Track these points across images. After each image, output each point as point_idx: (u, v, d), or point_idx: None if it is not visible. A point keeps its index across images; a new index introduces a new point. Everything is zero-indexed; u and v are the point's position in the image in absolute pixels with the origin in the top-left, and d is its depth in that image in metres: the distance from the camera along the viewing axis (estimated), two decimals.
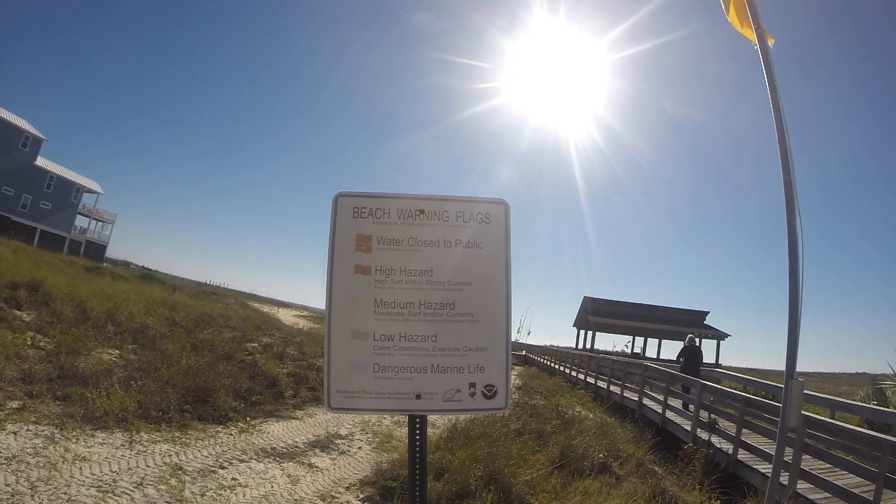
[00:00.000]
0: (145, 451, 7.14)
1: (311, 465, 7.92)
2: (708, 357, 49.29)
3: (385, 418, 11.15)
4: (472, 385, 3.11)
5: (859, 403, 13.96)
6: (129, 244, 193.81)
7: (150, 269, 58.03)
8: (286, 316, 34.40)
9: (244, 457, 7.74)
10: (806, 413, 8.77)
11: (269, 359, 14.06)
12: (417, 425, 3.15)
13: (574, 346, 52.72)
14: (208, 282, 62.55)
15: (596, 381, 22.24)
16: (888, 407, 12.62)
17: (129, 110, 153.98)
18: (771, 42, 5.33)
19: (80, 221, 68.61)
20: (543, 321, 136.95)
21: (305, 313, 47.06)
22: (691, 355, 16.89)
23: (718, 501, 8.27)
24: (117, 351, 11.87)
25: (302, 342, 18.39)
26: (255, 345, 15.87)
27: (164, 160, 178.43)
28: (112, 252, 75.68)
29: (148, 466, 6.69)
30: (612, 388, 19.25)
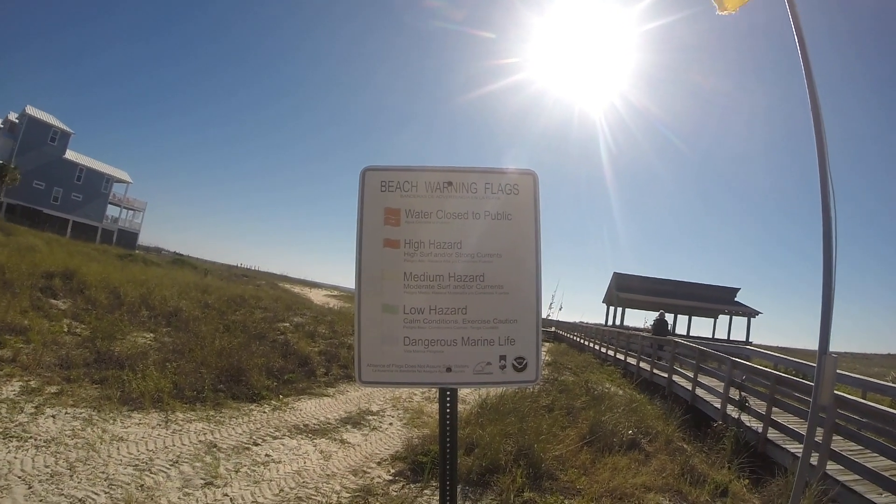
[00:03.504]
0: (180, 430, 7.29)
1: (342, 441, 8.02)
2: (738, 334, 49.08)
3: (415, 395, 11.26)
4: (503, 358, 3.11)
5: (892, 384, 13.79)
6: (160, 231, 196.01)
7: (181, 255, 58.59)
8: (317, 296, 34.64)
9: (277, 434, 7.86)
10: (837, 392, 8.68)
11: (301, 338, 14.21)
12: (448, 398, 3.17)
13: (604, 322, 52.35)
14: (239, 265, 63.04)
15: (625, 358, 22.27)
16: None
17: (155, 97, 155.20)
18: None
19: (111, 211, 69.55)
20: (573, 298, 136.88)
21: (336, 293, 47.15)
22: (660, 327, 24.19)
23: (747, 480, 8.21)
24: (151, 334, 12.07)
25: (333, 321, 18.55)
26: (287, 325, 16.03)
27: (193, 146, 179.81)
28: (144, 239, 76.52)
29: (183, 445, 6.82)
30: (642, 364, 19.27)
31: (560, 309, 22.17)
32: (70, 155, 61.65)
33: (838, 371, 15.44)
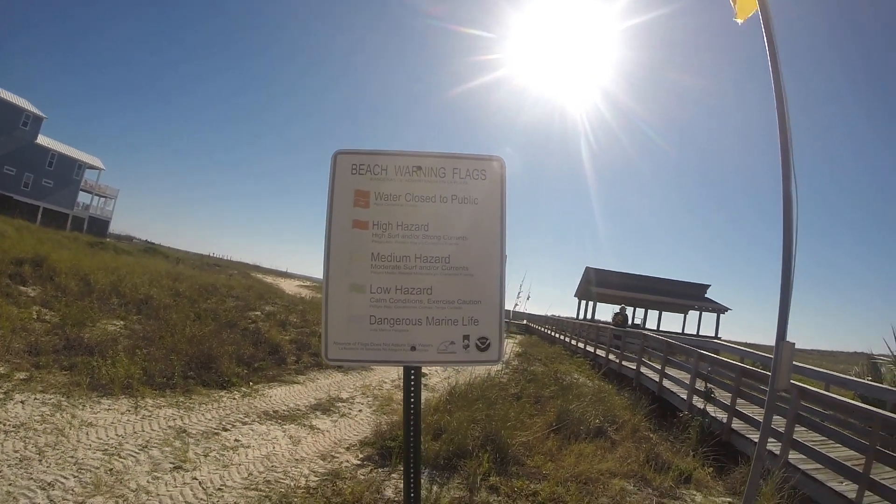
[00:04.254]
0: (150, 416, 7.29)
1: (312, 427, 8.06)
2: (707, 330, 49.87)
3: (385, 382, 11.33)
4: (466, 337, 3.19)
5: (854, 378, 14.09)
6: (132, 219, 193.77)
7: (153, 244, 57.96)
8: (289, 286, 34.51)
9: (247, 419, 7.89)
10: (801, 384, 8.91)
11: (272, 326, 14.20)
12: (412, 377, 3.24)
13: (575, 316, 52.78)
14: (211, 254, 62.51)
15: (595, 350, 22.48)
16: (882, 383, 12.74)
17: (130, 85, 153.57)
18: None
19: (83, 198, 68.42)
20: (546, 292, 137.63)
21: (308, 283, 46.84)
22: (620, 320, 26.31)
23: (711, 468, 8.39)
24: (122, 322, 12.01)
25: (304, 310, 18.58)
26: (258, 313, 16.01)
27: (167, 134, 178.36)
28: (115, 227, 75.51)
29: (153, 430, 6.83)
30: (611, 356, 19.50)
31: (528, 298, 22.67)
32: (42, 140, 60.56)
33: (804, 365, 15.85)
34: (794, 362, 14.81)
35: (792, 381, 9.04)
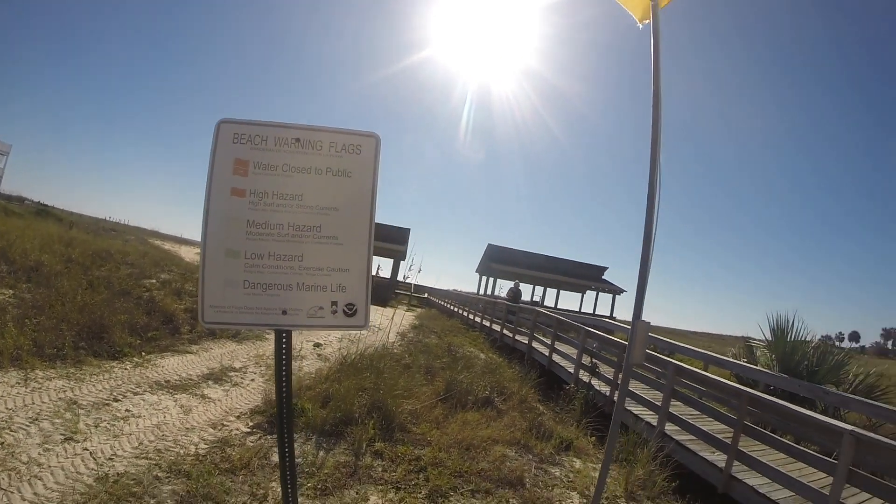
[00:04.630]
0: (40, 388, 7.16)
1: (203, 397, 8.07)
2: (603, 310, 51.79)
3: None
4: (335, 303, 3.34)
5: (729, 359, 14.94)
6: (25, 178, 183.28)
7: (46, 205, 54.99)
8: (188, 253, 33.51)
9: (138, 390, 7.82)
10: (678, 362, 9.49)
11: (167, 295, 13.92)
12: (284, 340, 3.37)
13: (476, 291, 53.67)
14: (108, 218, 59.83)
15: (491, 324, 22.93)
16: (756, 365, 13.55)
17: (22, 41, 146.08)
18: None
19: None
20: (450, 266, 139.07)
21: None
22: (514, 296, 28.40)
23: (594, 438, 8.82)
24: (10, 290, 11.58)
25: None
26: (153, 281, 15.54)
27: (64, 90, 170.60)
28: (6, 186, 71.73)
29: (43, 402, 6.73)
30: (505, 331, 19.94)
31: (419, 271, 23.10)
32: None
33: (686, 346, 16.72)
34: (679, 343, 15.67)
35: (670, 360, 9.65)
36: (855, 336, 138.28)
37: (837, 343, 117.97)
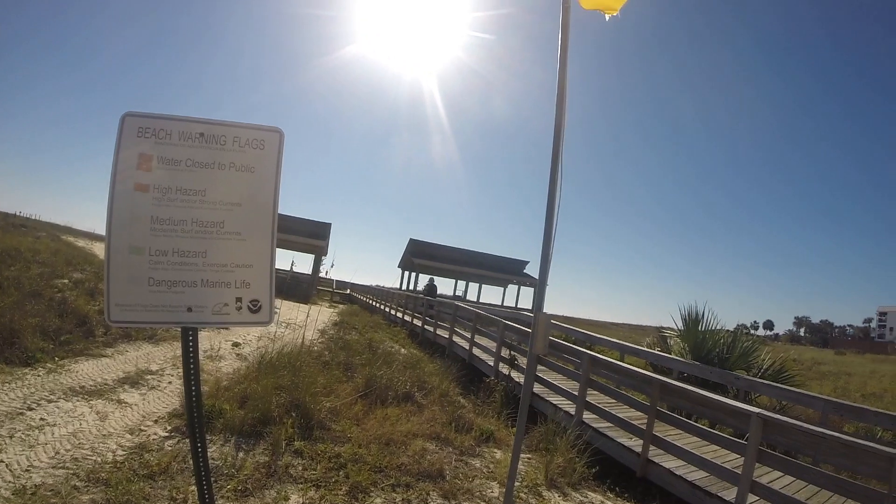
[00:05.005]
0: None
1: (120, 402, 7.85)
2: (525, 303, 52.76)
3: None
4: (239, 300, 3.34)
5: (644, 349, 15.44)
6: None
7: None
8: (101, 250, 32.70)
9: (52, 397, 7.56)
10: (593, 353, 9.75)
11: (80, 295, 13.46)
12: (190, 337, 3.34)
13: (399, 286, 53.81)
14: (18, 213, 57.27)
15: (412, 320, 22.91)
16: (671, 354, 14.01)
17: None
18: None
19: None
20: (373, 261, 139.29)
21: None
22: (430, 290, 30.63)
23: (514, 429, 8.96)
24: None
25: None
26: (66, 281, 14.99)
27: None
28: None
29: None
30: (427, 326, 20.02)
31: (332, 266, 23.17)
32: None
33: (603, 336, 17.23)
34: (598, 334, 16.07)
35: (585, 350, 9.90)
36: (769, 324, 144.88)
37: (752, 331, 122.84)
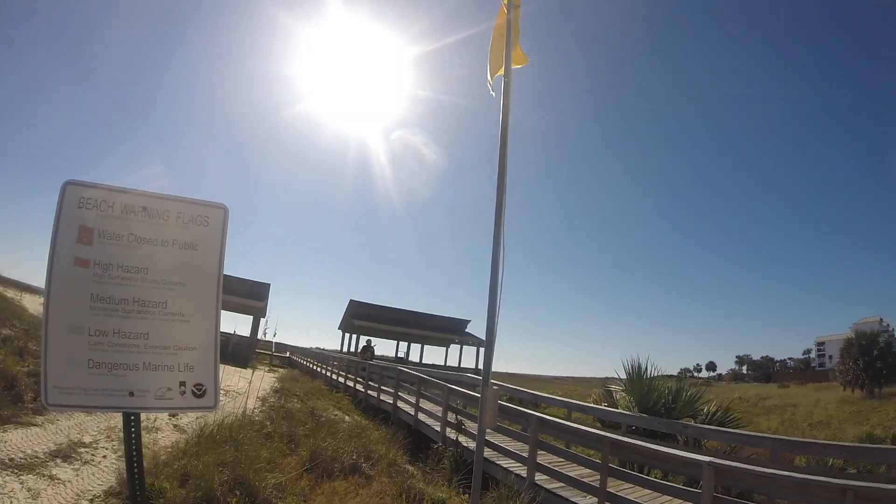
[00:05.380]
0: None
1: (52, 477, 7.43)
2: (468, 362, 52.94)
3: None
4: (183, 384, 3.21)
5: (591, 405, 15.50)
6: None
7: None
8: (33, 304, 31.05)
9: None
10: (540, 414, 9.71)
11: (8, 355, 12.63)
12: (132, 423, 3.18)
13: (339, 348, 53.25)
14: None
15: (355, 385, 22.40)
16: (617, 408, 14.07)
17: None
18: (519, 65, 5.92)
19: None
20: (314, 323, 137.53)
21: None
22: (366, 351, 30.04)
23: (466, 495, 8.78)
24: None
25: None
26: None
27: None
28: None
29: None
30: (370, 391, 19.61)
31: (275, 335, 22.94)
32: None
33: (549, 395, 17.30)
34: (542, 393, 16.03)
35: (532, 412, 9.84)
36: (712, 366, 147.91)
37: (696, 374, 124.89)
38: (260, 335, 39.18)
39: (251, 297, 42.07)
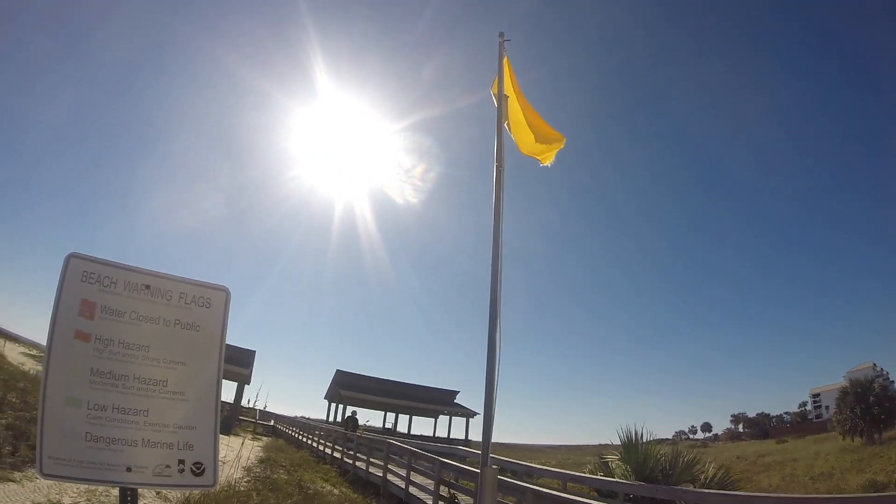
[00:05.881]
0: None
1: None
2: (457, 433, 52.15)
3: (115, 488, 10.30)
4: (182, 462, 3.22)
5: (586, 475, 15.26)
6: None
7: None
8: (12, 352, 30.15)
9: None
10: (536, 487, 9.57)
11: None
12: (129, 498, 3.19)
13: (325, 418, 52.65)
14: None
15: (342, 457, 21.92)
16: (613, 476, 13.88)
17: None
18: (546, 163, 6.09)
19: None
20: (298, 392, 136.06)
21: (36, 352, 40.32)
22: (350, 422, 31.15)
23: None
24: None
25: (26, 388, 15.71)
26: None
27: None
28: None
29: None
30: (359, 463, 19.26)
31: (265, 407, 22.72)
32: None
33: (542, 467, 16.96)
34: (536, 465, 15.76)
35: (527, 485, 9.73)
36: (707, 426, 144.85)
37: (691, 436, 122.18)
38: (244, 402, 38.81)
39: (236, 363, 41.62)
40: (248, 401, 37.46)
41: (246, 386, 40.26)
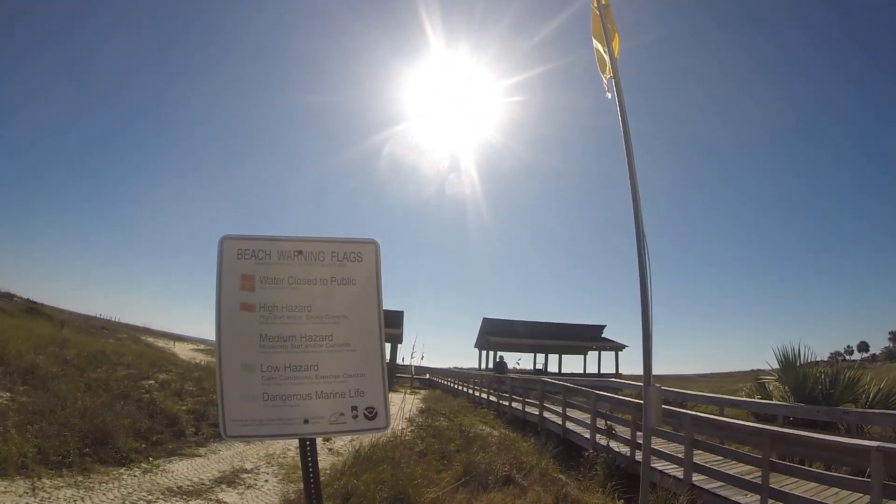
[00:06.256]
0: (49, 498, 6.98)
1: (218, 501, 7.85)
2: (607, 367, 51.71)
3: (289, 450, 11.11)
4: (355, 408, 3.37)
5: (744, 399, 14.84)
6: (12, 274, 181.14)
7: (35, 302, 53.64)
8: (182, 350, 32.95)
9: (151, 497, 7.59)
10: (693, 412, 9.40)
11: (168, 396, 13.65)
12: (308, 448, 3.37)
13: (476, 366, 53.22)
14: (98, 315, 58.38)
15: (498, 400, 22.35)
16: (771, 399, 13.43)
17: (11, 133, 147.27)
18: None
19: None
20: (449, 344, 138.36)
21: (202, 347, 43.43)
22: (499, 367, 33.20)
23: (622, 500, 8.67)
24: (8, 393, 11.35)
25: (200, 377, 17.60)
26: (152, 382, 15.16)
27: (50, 183, 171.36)
28: None
29: None
30: (514, 404, 19.63)
31: (422, 358, 22.99)
32: None
33: (699, 393, 16.65)
34: (690, 391, 15.50)
35: (686, 411, 9.55)
36: (864, 346, 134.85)
37: (847, 357, 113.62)
38: (399, 361, 40.25)
39: (388, 325, 42.50)
40: (402, 359, 38.89)
41: (399, 346, 41.70)
